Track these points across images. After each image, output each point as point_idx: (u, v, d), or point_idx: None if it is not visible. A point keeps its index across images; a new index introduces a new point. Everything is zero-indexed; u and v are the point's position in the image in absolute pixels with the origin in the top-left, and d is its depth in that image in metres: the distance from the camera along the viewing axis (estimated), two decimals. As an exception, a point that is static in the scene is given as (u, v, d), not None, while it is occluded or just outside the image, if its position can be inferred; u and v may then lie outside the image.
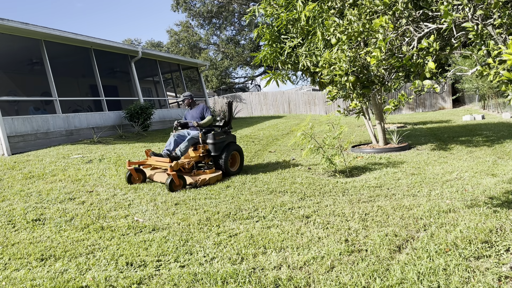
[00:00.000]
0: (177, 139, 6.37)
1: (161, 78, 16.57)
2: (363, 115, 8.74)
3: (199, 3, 30.51)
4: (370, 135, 9.03)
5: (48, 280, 2.86)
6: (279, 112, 23.12)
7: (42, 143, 9.74)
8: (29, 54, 12.33)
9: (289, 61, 7.74)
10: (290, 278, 2.71)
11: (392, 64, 3.18)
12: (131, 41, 37.82)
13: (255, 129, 13.19)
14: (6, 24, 8.97)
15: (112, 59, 14.09)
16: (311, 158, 7.53)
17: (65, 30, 10.89)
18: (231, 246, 3.35)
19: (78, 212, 4.59)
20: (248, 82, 37.13)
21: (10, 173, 6.67)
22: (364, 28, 3.22)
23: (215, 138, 6.28)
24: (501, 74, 2.40)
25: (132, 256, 3.24)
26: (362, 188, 5.18)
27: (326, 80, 4.43)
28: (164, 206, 4.77)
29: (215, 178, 6.00)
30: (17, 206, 4.85)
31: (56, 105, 10.63)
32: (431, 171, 5.90)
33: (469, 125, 11.87)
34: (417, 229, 3.46)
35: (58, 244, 3.60)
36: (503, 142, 7.90)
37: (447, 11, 2.56)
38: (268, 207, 4.47)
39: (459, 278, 2.54)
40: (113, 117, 12.50)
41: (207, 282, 2.72)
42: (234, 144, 6.67)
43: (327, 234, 3.50)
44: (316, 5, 6.26)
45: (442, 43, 3.65)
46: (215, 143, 6.28)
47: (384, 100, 9.08)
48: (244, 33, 31.61)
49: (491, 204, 3.95)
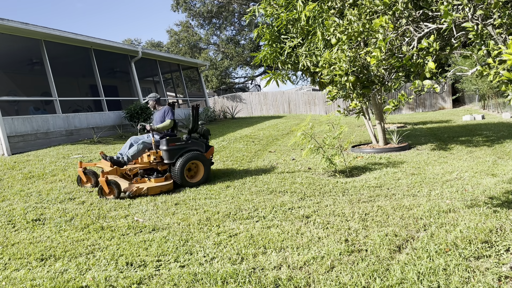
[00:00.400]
0: (132, 143, 6.03)
1: (161, 78, 16.57)
2: (363, 115, 8.73)
3: (199, 3, 30.52)
4: (370, 135, 9.03)
5: (48, 280, 2.86)
6: (279, 112, 23.12)
7: (42, 143, 9.74)
8: (29, 54, 12.33)
9: (289, 61, 7.74)
10: (290, 278, 2.71)
11: (392, 64, 3.18)
12: (131, 41, 37.82)
13: (255, 129, 13.19)
14: (6, 24, 8.97)
15: (112, 59, 14.09)
16: (311, 158, 7.53)
17: (65, 30, 10.90)
18: (231, 246, 3.35)
19: (78, 212, 4.59)
20: (248, 82, 37.14)
21: (10, 173, 6.67)
22: (364, 28, 3.22)
23: (169, 144, 5.73)
24: (501, 74, 2.41)
25: (132, 256, 3.24)
26: (362, 188, 5.18)
27: (326, 80, 4.44)
28: (164, 206, 4.77)
29: (158, 189, 5.42)
30: (17, 206, 4.85)
31: (56, 105, 10.63)
32: (431, 171, 5.90)
33: (469, 125, 11.88)
34: (417, 229, 3.46)
35: (58, 244, 3.60)
36: (503, 142, 7.90)
37: (447, 11, 2.56)
38: (268, 207, 4.47)
39: (459, 278, 2.54)
40: (113, 117, 12.50)
41: (207, 282, 2.72)
42: (198, 152, 5.92)
43: (327, 234, 3.50)
44: (316, 5, 6.26)
45: (442, 43, 3.65)
46: (168, 149, 5.71)
47: (384, 100, 9.08)
48: (244, 33, 31.62)
49: (491, 204, 3.95)
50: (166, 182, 5.58)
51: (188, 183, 5.79)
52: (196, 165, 6.03)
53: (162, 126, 6.07)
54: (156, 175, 5.68)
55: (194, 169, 6.05)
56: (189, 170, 5.98)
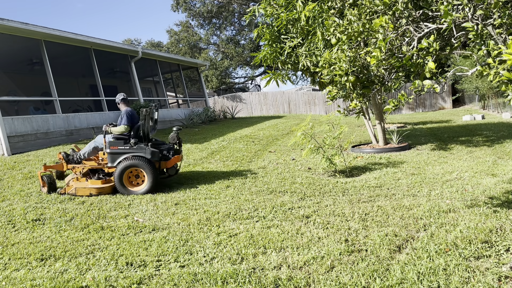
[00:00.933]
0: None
1: (161, 78, 16.57)
2: (363, 115, 8.73)
3: (199, 3, 30.52)
4: (370, 135, 9.03)
5: (48, 280, 2.86)
6: (279, 112, 23.12)
7: (42, 143, 9.74)
8: (29, 54, 12.32)
9: (289, 61, 7.74)
10: (290, 278, 2.71)
11: (392, 64, 3.18)
12: (131, 41, 37.80)
13: (255, 129, 13.19)
14: (6, 24, 8.97)
15: (112, 59, 14.09)
16: (311, 158, 7.53)
17: (65, 30, 10.90)
18: (231, 246, 3.35)
19: (78, 212, 4.59)
20: (248, 82, 37.13)
21: (10, 173, 6.67)
22: (364, 28, 3.22)
23: (110, 147, 5.51)
24: (501, 74, 2.40)
25: (132, 256, 3.24)
26: (362, 188, 5.18)
27: (326, 80, 4.43)
28: (164, 206, 4.77)
29: (87, 191, 5.33)
30: (17, 206, 4.85)
31: (56, 105, 10.63)
32: (431, 171, 5.90)
33: (469, 125, 11.87)
34: (417, 229, 3.46)
35: (58, 244, 3.60)
36: (503, 142, 7.89)
37: (447, 11, 2.56)
38: (268, 207, 4.47)
39: (459, 278, 2.54)
40: (113, 117, 12.50)
41: (207, 282, 2.72)
42: (144, 159, 5.43)
43: (327, 234, 3.50)
44: (316, 5, 6.26)
45: (442, 43, 3.65)
46: (110, 152, 5.50)
47: (384, 100, 9.07)
48: (244, 33, 31.61)
49: (491, 204, 3.95)
50: (103, 185, 5.43)
51: (127, 190, 5.41)
52: (138, 173, 5.50)
53: (114, 130, 5.76)
54: (97, 177, 5.61)
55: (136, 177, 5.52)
56: (136, 177, 5.52)
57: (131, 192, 5.43)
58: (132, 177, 5.52)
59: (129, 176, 5.51)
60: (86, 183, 5.49)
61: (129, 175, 5.50)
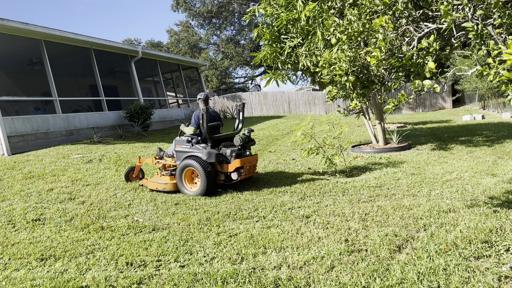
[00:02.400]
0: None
1: (161, 78, 16.57)
2: (363, 115, 8.73)
3: (199, 3, 30.51)
4: (370, 135, 9.03)
5: (48, 280, 2.86)
6: (279, 112, 23.11)
7: (42, 143, 9.74)
8: (29, 54, 12.33)
9: (289, 61, 7.74)
10: (290, 278, 2.71)
11: (392, 64, 3.18)
12: (131, 41, 37.77)
13: (255, 129, 13.19)
14: (6, 24, 8.97)
15: (112, 59, 14.09)
16: (311, 158, 7.53)
17: (65, 30, 10.90)
18: (231, 246, 3.35)
19: (78, 212, 4.59)
20: (248, 82, 37.12)
21: (10, 173, 6.67)
22: (364, 28, 3.21)
23: (177, 145, 5.63)
24: (501, 74, 2.40)
25: (132, 256, 3.24)
26: (362, 188, 5.18)
27: (326, 80, 4.43)
28: (164, 206, 4.77)
29: (154, 186, 5.52)
30: (17, 206, 4.85)
31: (56, 105, 10.63)
32: (431, 171, 5.89)
33: (469, 125, 11.87)
34: (417, 229, 3.46)
35: (58, 244, 3.60)
36: (503, 142, 7.89)
37: (447, 11, 2.56)
38: (268, 207, 4.47)
39: (459, 278, 2.54)
40: (113, 117, 12.50)
41: (207, 282, 2.72)
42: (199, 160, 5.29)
43: (327, 234, 3.50)
44: (316, 5, 6.25)
45: (442, 43, 3.65)
46: (176, 150, 5.63)
47: (384, 100, 9.07)
48: (244, 33, 31.60)
49: (491, 204, 3.95)
50: (166, 182, 5.53)
51: (183, 190, 5.38)
52: (194, 173, 5.41)
53: (185, 130, 5.78)
54: (170, 173, 5.73)
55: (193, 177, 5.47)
56: (195, 177, 5.44)
57: (185, 192, 5.36)
58: (190, 177, 5.46)
59: (190, 176, 5.46)
60: (158, 178, 5.67)
61: (189, 174, 5.43)
